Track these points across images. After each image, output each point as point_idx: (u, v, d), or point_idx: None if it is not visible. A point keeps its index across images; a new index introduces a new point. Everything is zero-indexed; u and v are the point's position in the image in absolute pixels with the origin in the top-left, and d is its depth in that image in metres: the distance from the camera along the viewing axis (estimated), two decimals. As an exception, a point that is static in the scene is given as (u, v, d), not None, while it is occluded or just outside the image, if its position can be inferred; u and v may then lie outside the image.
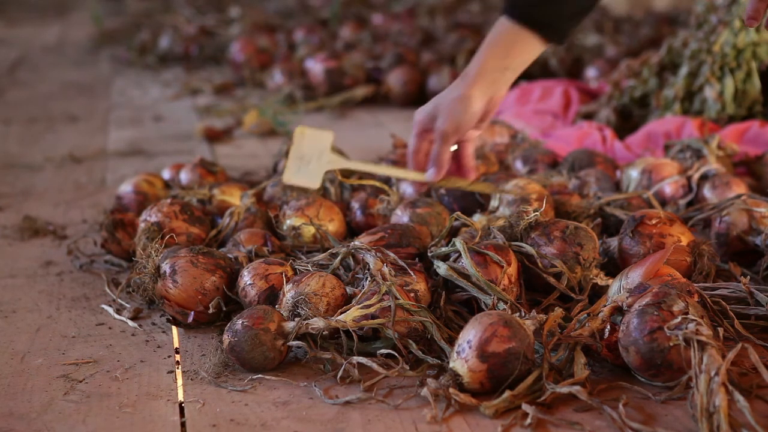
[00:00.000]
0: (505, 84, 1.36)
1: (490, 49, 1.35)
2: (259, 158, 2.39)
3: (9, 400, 1.17)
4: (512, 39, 1.34)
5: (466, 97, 1.33)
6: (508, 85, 1.37)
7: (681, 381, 1.12)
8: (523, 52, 1.35)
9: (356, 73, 3.15)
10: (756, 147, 2.07)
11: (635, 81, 2.57)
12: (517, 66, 1.36)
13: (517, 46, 1.34)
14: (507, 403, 1.10)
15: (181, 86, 3.43)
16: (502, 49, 1.34)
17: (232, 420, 1.11)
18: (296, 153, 1.42)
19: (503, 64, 1.34)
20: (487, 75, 1.34)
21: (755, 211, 1.53)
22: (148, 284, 1.39)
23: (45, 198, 2.09)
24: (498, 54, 1.34)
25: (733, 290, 1.34)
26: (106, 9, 5.72)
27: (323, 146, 1.42)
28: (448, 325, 1.30)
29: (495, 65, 1.34)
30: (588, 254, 1.37)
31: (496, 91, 1.35)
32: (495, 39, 1.35)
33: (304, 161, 1.42)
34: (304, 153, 1.42)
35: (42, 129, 2.84)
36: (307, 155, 1.42)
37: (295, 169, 1.41)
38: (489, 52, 1.35)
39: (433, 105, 1.37)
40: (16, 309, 1.47)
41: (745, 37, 2.27)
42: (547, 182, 1.69)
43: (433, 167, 1.38)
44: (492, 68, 1.34)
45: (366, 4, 4.99)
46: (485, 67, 1.34)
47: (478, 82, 1.34)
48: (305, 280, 1.29)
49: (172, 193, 1.80)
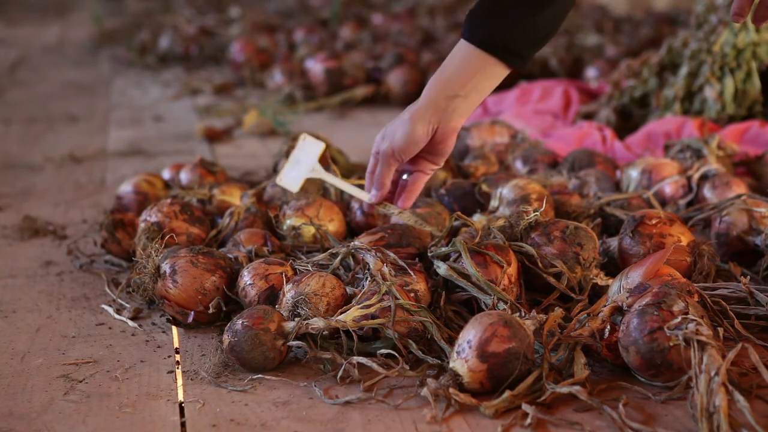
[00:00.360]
0: (455, 112, 1.27)
1: (443, 74, 1.27)
2: (259, 158, 2.39)
3: (9, 400, 1.17)
4: (470, 64, 1.26)
5: (407, 123, 1.28)
6: (462, 113, 1.28)
7: (681, 381, 1.12)
8: (483, 78, 1.26)
9: (356, 73, 3.15)
10: (756, 147, 2.07)
11: (635, 81, 2.57)
12: (471, 93, 1.27)
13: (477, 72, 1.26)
14: (507, 403, 1.10)
15: (181, 86, 3.43)
16: (456, 74, 1.26)
17: (232, 420, 1.11)
18: (294, 157, 1.47)
19: (453, 92, 1.26)
20: (433, 103, 1.27)
21: (755, 211, 1.53)
22: (148, 284, 1.39)
23: (45, 198, 2.09)
24: (450, 81, 1.26)
25: (733, 290, 1.34)
26: (106, 9, 5.72)
27: (313, 155, 1.45)
28: (448, 325, 1.30)
29: (443, 93, 1.26)
30: (588, 254, 1.37)
31: (444, 120, 1.28)
32: (450, 64, 1.27)
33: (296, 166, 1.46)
34: (300, 159, 1.46)
35: (42, 129, 2.84)
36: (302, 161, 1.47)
37: (287, 172, 1.46)
38: (440, 78, 1.27)
39: (386, 127, 1.33)
40: (16, 309, 1.47)
41: (745, 37, 2.27)
42: (547, 182, 1.69)
43: (373, 189, 1.34)
44: (439, 96, 1.27)
45: (366, 4, 4.99)
46: (432, 94, 1.27)
47: (423, 109, 1.28)
48: (305, 280, 1.29)
49: (172, 193, 1.80)
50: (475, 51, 1.25)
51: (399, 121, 1.29)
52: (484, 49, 1.25)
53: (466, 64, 1.26)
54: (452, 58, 1.28)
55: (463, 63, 1.26)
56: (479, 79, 1.26)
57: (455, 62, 1.27)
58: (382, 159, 1.31)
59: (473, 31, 1.25)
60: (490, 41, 1.24)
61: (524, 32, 1.24)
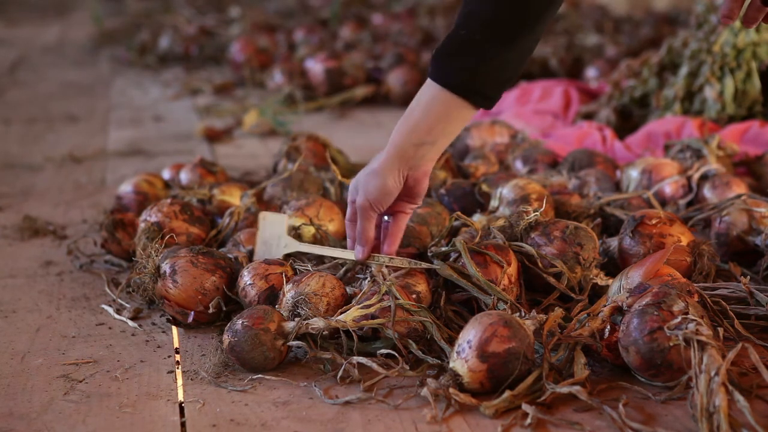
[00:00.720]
0: (424, 158, 1.24)
1: (409, 121, 1.24)
2: (259, 158, 2.39)
3: (9, 400, 1.17)
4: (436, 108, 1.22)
5: (378, 173, 1.25)
6: (431, 158, 1.25)
7: (681, 381, 1.12)
8: (450, 122, 1.23)
9: (356, 73, 3.15)
10: (756, 147, 2.07)
11: (635, 81, 2.57)
12: (438, 138, 1.23)
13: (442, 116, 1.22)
14: (507, 403, 1.10)
15: (181, 86, 3.43)
16: (422, 121, 1.22)
17: (232, 420, 1.11)
18: (261, 238, 1.48)
19: (420, 139, 1.23)
20: (401, 152, 1.24)
21: (755, 211, 1.53)
22: (148, 284, 1.39)
23: (45, 198, 2.09)
24: (416, 127, 1.23)
25: (733, 290, 1.34)
26: (106, 9, 5.72)
27: (281, 230, 1.47)
28: (448, 325, 1.30)
29: (410, 140, 1.23)
30: (588, 254, 1.37)
31: (413, 168, 1.25)
32: (416, 109, 1.23)
33: (267, 246, 1.47)
34: (267, 238, 1.47)
35: (42, 129, 2.84)
36: (269, 240, 1.47)
37: (261, 254, 1.46)
38: (406, 124, 1.24)
39: (356, 177, 1.29)
40: (16, 309, 1.47)
41: (745, 37, 2.27)
42: (547, 182, 1.69)
43: (357, 245, 1.31)
44: (407, 143, 1.23)
45: (366, 4, 4.99)
46: (400, 142, 1.24)
47: (391, 158, 1.25)
48: (305, 280, 1.29)
49: (172, 193, 1.80)
50: (442, 92, 1.22)
51: (370, 173, 1.26)
52: (451, 90, 1.21)
53: (432, 107, 1.23)
54: (418, 100, 1.24)
55: (430, 107, 1.23)
56: (446, 123, 1.24)
57: (421, 106, 1.23)
58: (361, 212, 1.28)
59: (440, 72, 1.22)
60: (457, 84, 1.21)
61: (491, 72, 1.21)
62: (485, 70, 1.20)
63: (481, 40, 1.19)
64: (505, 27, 1.19)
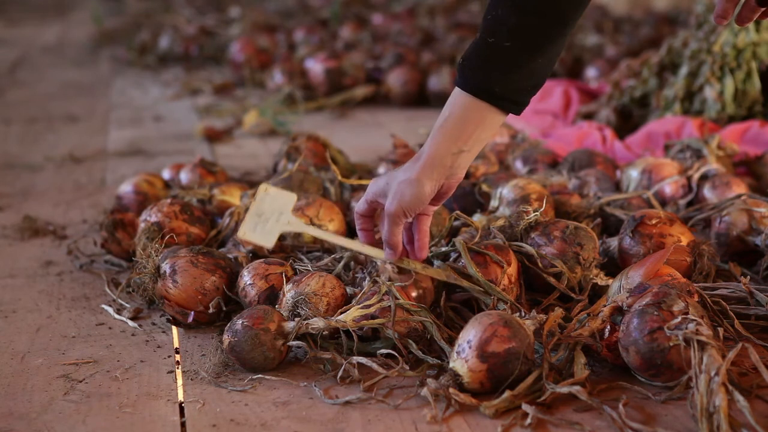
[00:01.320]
0: (460, 167, 1.26)
1: (445, 130, 1.24)
2: (259, 158, 2.39)
3: (9, 400, 1.17)
4: (470, 116, 1.23)
5: (416, 182, 1.25)
6: (465, 166, 1.26)
7: (681, 381, 1.12)
8: (484, 130, 1.24)
9: (356, 73, 3.15)
10: (756, 147, 2.07)
11: (635, 81, 2.57)
12: (474, 145, 1.25)
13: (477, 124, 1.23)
14: (507, 403, 1.10)
15: (181, 86, 3.43)
16: (459, 129, 1.23)
17: (232, 420, 1.11)
18: (256, 210, 1.41)
19: (457, 147, 1.24)
20: (439, 160, 1.24)
21: (755, 211, 1.53)
22: (148, 284, 1.39)
23: (45, 198, 2.09)
24: (452, 135, 1.24)
25: (733, 290, 1.34)
26: (106, 9, 5.73)
27: (284, 207, 1.41)
28: (448, 325, 1.30)
29: (448, 149, 1.24)
30: (588, 254, 1.37)
31: (450, 175, 1.26)
32: (451, 117, 1.24)
33: (262, 219, 1.41)
34: (264, 211, 1.41)
35: (42, 129, 2.84)
36: (267, 213, 1.41)
37: (252, 226, 1.39)
38: (443, 133, 1.24)
39: (385, 182, 1.28)
40: (16, 309, 1.47)
41: (745, 37, 2.27)
42: (547, 182, 1.69)
43: (387, 248, 1.30)
44: (445, 152, 1.24)
45: (366, 4, 4.99)
46: (438, 151, 1.24)
47: (430, 167, 1.24)
48: (305, 280, 1.29)
49: (172, 193, 1.80)
50: (474, 101, 1.23)
51: (407, 182, 1.26)
52: (484, 99, 1.22)
53: (467, 117, 1.24)
54: (451, 110, 1.25)
55: (464, 116, 1.24)
56: (481, 131, 1.25)
57: (455, 116, 1.24)
58: (391, 219, 1.28)
59: (471, 80, 1.23)
60: (489, 91, 1.22)
61: (522, 80, 1.22)
62: (516, 78, 1.22)
63: (510, 48, 1.20)
64: (532, 35, 1.20)
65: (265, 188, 1.40)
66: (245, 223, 1.37)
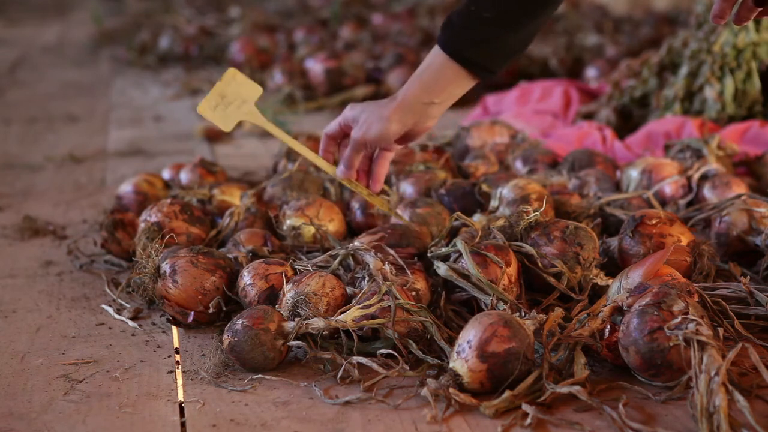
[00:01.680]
0: (429, 116, 1.38)
1: (420, 79, 1.37)
2: (259, 158, 2.39)
3: (9, 400, 1.17)
4: (444, 73, 1.36)
5: (385, 119, 1.36)
6: (434, 117, 1.38)
7: (681, 381, 1.12)
8: (456, 87, 1.37)
9: (356, 73, 3.15)
10: (756, 147, 2.07)
11: (635, 81, 2.56)
12: (445, 99, 1.37)
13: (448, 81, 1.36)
14: (507, 403, 1.10)
15: (181, 86, 3.43)
16: (432, 82, 1.36)
17: (232, 420, 1.11)
18: (220, 90, 1.43)
19: (429, 98, 1.36)
20: (410, 105, 1.36)
21: (755, 211, 1.53)
22: (148, 284, 1.39)
23: (45, 198, 2.09)
24: (426, 87, 1.36)
25: (733, 290, 1.34)
26: (106, 9, 5.72)
27: (249, 97, 1.45)
28: (448, 325, 1.30)
29: (420, 97, 1.36)
30: (588, 254, 1.36)
31: (418, 122, 1.38)
32: (427, 70, 1.37)
33: (224, 101, 1.43)
34: (228, 94, 1.43)
35: (42, 129, 2.84)
36: (230, 97, 1.43)
37: (213, 104, 1.43)
38: (418, 83, 1.37)
39: (360, 110, 1.40)
40: (16, 309, 1.47)
41: (745, 37, 2.27)
42: (547, 182, 1.69)
43: (343, 165, 1.42)
44: (417, 100, 1.36)
45: (366, 4, 4.99)
46: (411, 97, 1.36)
47: (401, 110, 1.36)
48: (305, 280, 1.29)
49: (172, 193, 1.80)
50: (449, 61, 1.35)
51: (376, 115, 1.37)
52: (459, 62, 1.34)
53: (442, 73, 1.36)
54: (429, 63, 1.37)
55: (440, 72, 1.36)
56: (453, 88, 1.37)
57: (431, 71, 1.36)
58: (353, 144, 1.39)
59: (450, 43, 1.34)
60: (464, 56, 1.34)
61: (497, 50, 1.33)
62: (491, 48, 1.33)
63: (489, 19, 1.31)
64: (513, 9, 1.30)
65: (233, 73, 1.45)
66: (206, 99, 1.43)
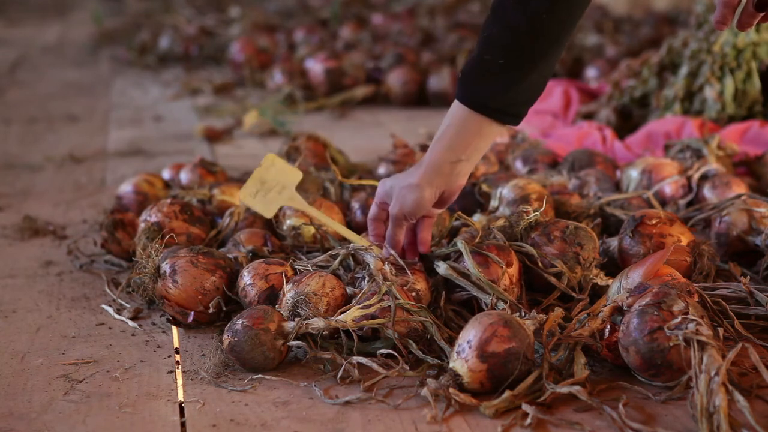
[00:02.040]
0: (459, 175, 1.32)
1: (444, 140, 1.31)
2: (259, 158, 2.37)
3: (9, 400, 1.17)
4: (468, 128, 1.30)
5: (416, 188, 1.31)
6: (466, 173, 1.33)
7: (681, 381, 1.12)
8: (481, 140, 1.31)
9: (356, 73, 3.15)
10: (756, 147, 2.07)
11: (635, 81, 2.57)
12: (472, 155, 1.31)
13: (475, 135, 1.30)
14: (507, 403, 1.10)
15: (181, 86, 3.43)
16: (457, 139, 1.30)
17: (232, 420, 1.11)
18: (259, 176, 1.44)
19: (456, 156, 1.30)
20: (438, 168, 1.31)
21: (755, 211, 1.53)
22: (148, 284, 1.39)
23: (45, 198, 2.09)
24: (450, 146, 1.30)
25: (733, 290, 1.34)
26: (106, 9, 5.73)
27: (289, 182, 1.45)
28: (448, 325, 1.30)
29: (447, 158, 1.30)
30: (588, 254, 1.36)
31: (449, 184, 1.32)
32: (450, 128, 1.31)
33: (264, 187, 1.43)
34: (267, 180, 1.44)
35: (42, 129, 2.84)
36: (270, 183, 1.44)
37: (253, 190, 1.43)
38: (443, 143, 1.31)
39: (390, 184, 1.35)
40: (16, 309, 1.47)
41: (745, 37, 2.27)
42: (547, 182, 1.69)
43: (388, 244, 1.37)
44: (444, 161, 1.30)
45: (366, 4, 4.99)
46: (437, 160, 1.31)
47: (429, 175, 1.31)
48: (305, 280, 1.29)
49: (172, 193, 1.80)
50: (472, 114, 1.29)
51: (408, 187, 1.32)
52: (482, 112, 1.29)
53: (465, 128, 1.30)
54: (451, 121, 1.31)
55: (462, 127, 1.30)
56: (479, 141, 1.31)
57: (454, 126, 1.30)
58: (393, 221, 1.34)
59: (469, 94, 1.29)
60: (486, 105, 1.28)
61: (518, 94, 1.28)
62: (513, 93, 1.28)
63: (504, 65, 1.26)
64: (526, 53, 1.26)
65: (272, 158, 1.43)
66: (247, 186, 1.40)
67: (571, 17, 1.26)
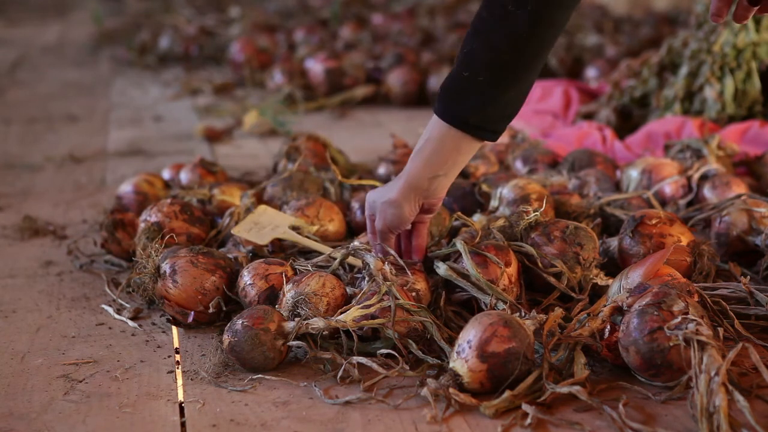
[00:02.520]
0: (437, 189, 1.32)
1: (422, 155, 1.31)
2: (259, 158, 2.39)
3: (9, 400, 1.17)
4: (447, 144, 1.30)
5: (396, 203, 1.32)
6: (444, 187, 1.33)
7: (681, 381, 1.12)
8: (459, 155, 1.31)
9: (356, 73, 3.15)
10: (756, 147, 2.07)
11: (635, 81, 2.57)
12: (450, 170, 1.32)
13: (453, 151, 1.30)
14: (507, 403, 1.10)
15: (181, 86, 3.43)
16: (435, 156, 1.30)
17: (232, 420, 1.11)
18: (253, 219, 1.52)
19: (434, 172, 1.30)
20: (416, 184, 1.31)
21: (755, 211, 1.53)
22: (148, 284, 1.39)
23: (45, 198, 2.09)
24: (428, 161, 1.30)
25: (733, 290, 1.34)
26: (106, 9, 5.73)
27: (282, 223, 1.51)
28: (448, 325, 1.30)
29: (425, 173, 1.31)
30: (588, 254, 1.37)
31: (428, 197, 1.33)
32: (429, 143, 1.31)
33: (257, 226, 1.50)
34: (260, 221, 1.51)
35: (42, 129, 2.84)
36: (263, 223, 1.51)
37: (247, 228, 1.50)
38: (421, 158, 1.31)
39: (373, 198, 1.36)
40: (16, 309, 1.47)
41: (745, 37, 2.27)
42: (547, 182, 1.69)
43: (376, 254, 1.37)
44: (422, 177, 1.31)
45: (366, 4, 4.99)
46: (416, 176, 1.31)
47: (407, 191, 1.32)
48: (305, 280, 1.29)
49: (172, 193, 1.80)
50: (451, 130, 1.29)
51: (387, 203, 1.33)
52: (460, 128, 1.29)
53: (444, 144, 1.30)
54: (429, 135, 1.31)
55: (441, 143, 1.30)
56: (457, 157, 1.31)
57: (432, 142, 1.30)
58: (381, 235, 1.36)
59: (448, 110, 1.29)
60: (465, 122, 1.28)
61: (497, 110, 1.28)
62: (491, 110, 1.28)
63: (483, 82, 1.26)
64: (505, 70, 1.26)
65: (264, 208, 1.53)
66: (241, 224, 1.50)
67: (552, 35, 1.26)
